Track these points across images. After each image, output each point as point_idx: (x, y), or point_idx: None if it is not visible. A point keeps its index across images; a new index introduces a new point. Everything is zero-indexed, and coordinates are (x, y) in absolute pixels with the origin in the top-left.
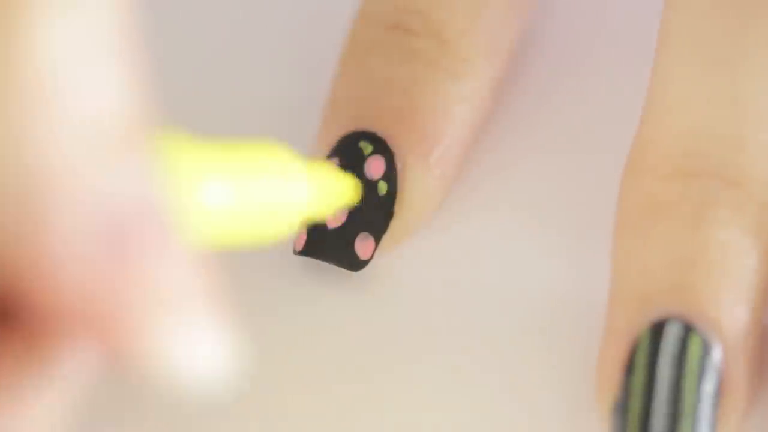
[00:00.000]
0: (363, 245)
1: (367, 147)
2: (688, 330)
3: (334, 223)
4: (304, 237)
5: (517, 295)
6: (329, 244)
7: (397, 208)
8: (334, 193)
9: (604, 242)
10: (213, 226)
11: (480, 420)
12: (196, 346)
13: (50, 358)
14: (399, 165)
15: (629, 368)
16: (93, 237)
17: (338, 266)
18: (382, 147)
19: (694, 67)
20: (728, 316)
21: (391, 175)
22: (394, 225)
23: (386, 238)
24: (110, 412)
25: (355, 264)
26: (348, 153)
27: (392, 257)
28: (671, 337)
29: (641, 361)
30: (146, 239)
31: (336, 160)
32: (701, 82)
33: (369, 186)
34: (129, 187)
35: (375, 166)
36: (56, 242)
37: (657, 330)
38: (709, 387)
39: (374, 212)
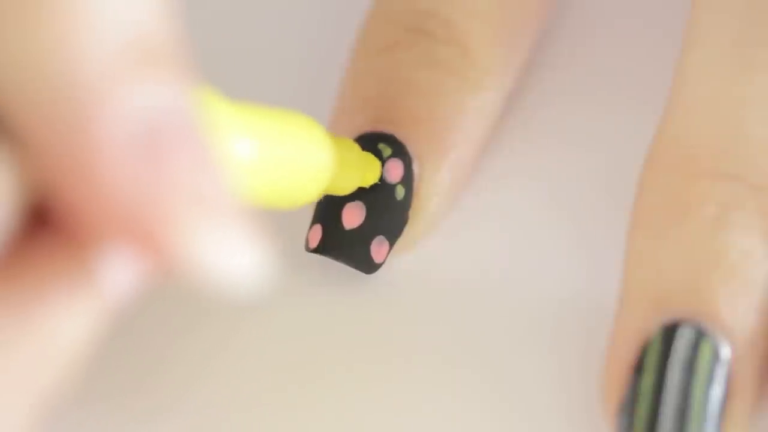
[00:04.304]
0: (378, 248)
1: (386, 149)
2: (700, 334)
3: (351, 224)
4: (319, 234)
5: (522, 295)
6: (346, 245)
7: (411, 213)
8: (356, 169)
9: (610, 242)
10: (239, 181)
11: (485, 420)
12: (230, 248)
13: (88, 265)
14: (416, 171)
15: (638, 369)
16: (130, 143)
17: (352, 267)
18: (400, 150)
19: (726, 67)
20: (741, 323)
21: (408, 179)
22: (408, 231)
23: (398, 243)
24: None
25: (369, 266)
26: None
27: (397, 256)
28: (683, 340)
29: (651, 362)
30: (181, 148)
31: None
32: (733, 83)
33: (387, 189)
34: (165, 99)
35: (394, 170)
36: (97, 144)
37: (669, 332)
38: (717, 392)
39: (391, 216)
